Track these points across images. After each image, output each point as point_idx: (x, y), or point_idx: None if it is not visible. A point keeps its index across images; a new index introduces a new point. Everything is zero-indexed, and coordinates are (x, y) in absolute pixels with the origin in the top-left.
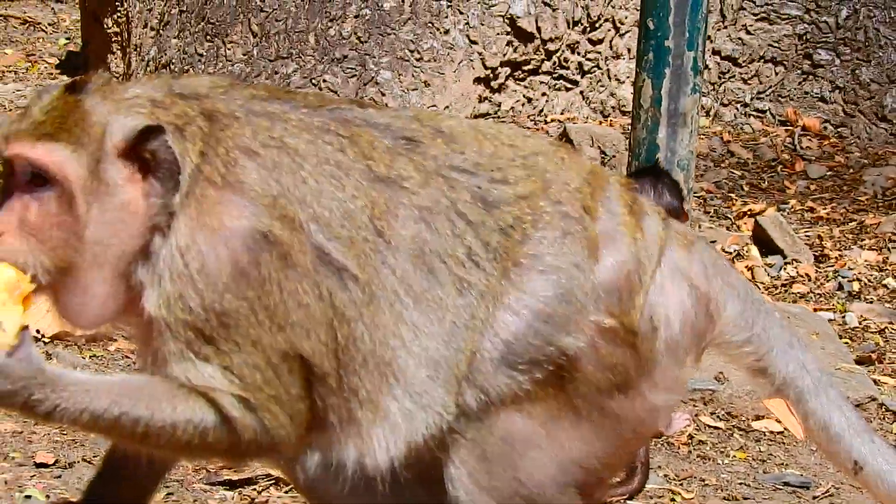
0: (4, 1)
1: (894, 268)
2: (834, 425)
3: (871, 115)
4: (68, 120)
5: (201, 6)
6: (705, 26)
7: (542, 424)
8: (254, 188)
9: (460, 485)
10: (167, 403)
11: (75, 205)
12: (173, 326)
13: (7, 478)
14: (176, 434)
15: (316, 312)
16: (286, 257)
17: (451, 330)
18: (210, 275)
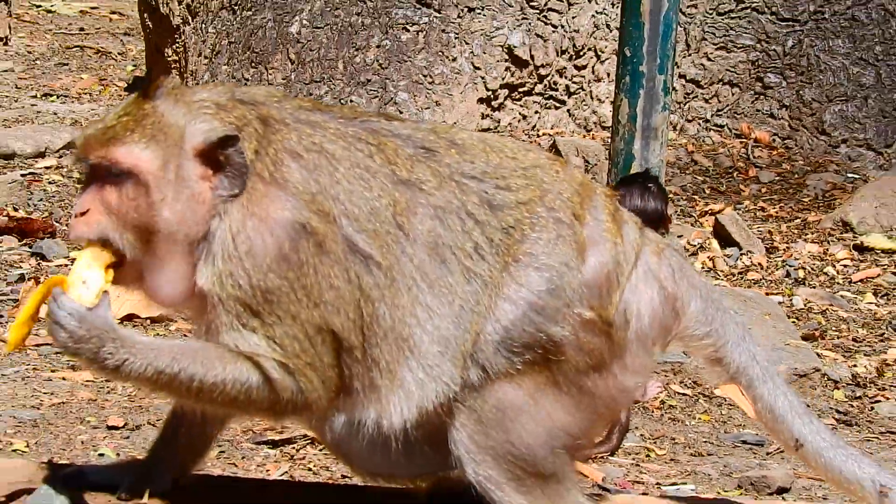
0: (81, 34)
1: (833, 258)
2: (779, 408)
3: (812, 130)
4: (143, 122)
5: (247, 38)
6: (673, 54)
7: (531, 396)
8: (296, 186)
9: (461, 445)
10: (219, 364)
11: (150, 193)
12: (224, 300)
13: (84, 439)
14: (225, 391)
15: (345, 293)
16: (321, 245)
17: (459, 313)
18: (256, 257)
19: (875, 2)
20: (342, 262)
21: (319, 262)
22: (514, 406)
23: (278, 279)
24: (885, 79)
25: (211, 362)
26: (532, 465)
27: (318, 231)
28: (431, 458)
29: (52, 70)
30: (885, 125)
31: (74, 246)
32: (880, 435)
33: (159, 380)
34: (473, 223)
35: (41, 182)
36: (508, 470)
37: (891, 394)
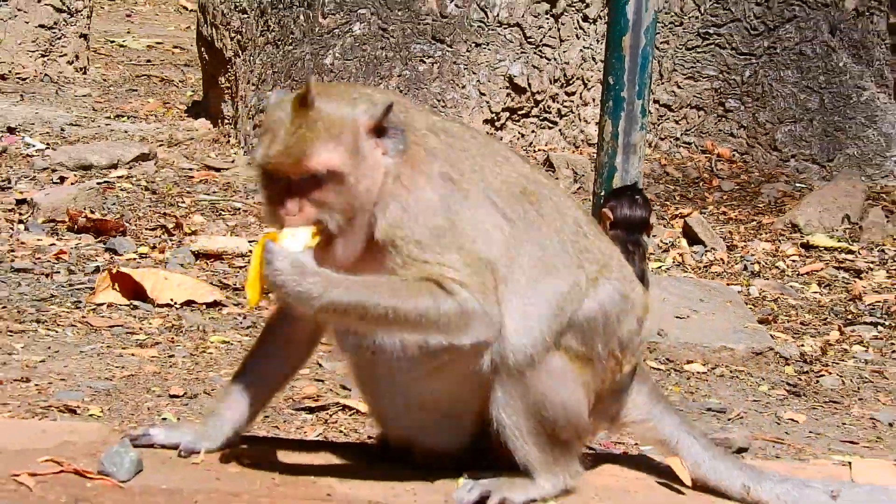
0: (148, 65)
1: (783, 254)
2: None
3: (766, 147)
4: (317, 127)
5: (288, 68)
6: (649, 82)
7: (572, 374)
8: (441, 153)
9: (504, 389)
10: (406, 291)
11: (346, 180)
12: (399, 243)
13: (149, 405)
14: (415, 313)
15: (494, 234)
16: (467, 196)
17: (571, 289)
18: (423, 202)
19: (819, 39)
20: (486, 209)
21: (468, 208)
22: (559, 376)
23: (441, 219)
24: (827, 104)
25: (401, 291)
26: (552, 428)
27: (462, 184)
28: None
29: (124, 95)
30: (828, 143)
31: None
32: (824, 404)
33: (357, 311)
34: (583, 233)
35: (114, 189)
36: (534, 425)
37: (833, 369)
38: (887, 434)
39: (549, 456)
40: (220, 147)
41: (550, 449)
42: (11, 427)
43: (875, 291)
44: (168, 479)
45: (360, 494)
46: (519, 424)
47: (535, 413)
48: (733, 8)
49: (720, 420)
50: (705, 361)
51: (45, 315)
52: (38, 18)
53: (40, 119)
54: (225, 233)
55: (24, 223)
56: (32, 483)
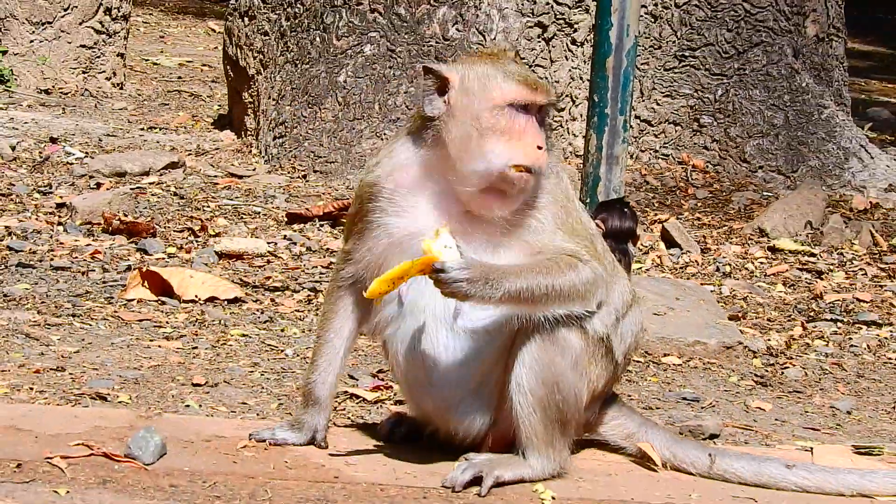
0: (179, 81)
1: (752, 257)
2: (685, 452)
3: (736, 159)
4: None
5: (305, 85)
6: (631, 100)
7: (592, 361)
8: None
9: (531, 356)
10: (556, 268)
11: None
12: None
13: (174, 393)
14: (567, 286)
15: (588, 225)
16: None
17: (625, 295)
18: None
19: (784, 62)
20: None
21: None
22: (582, 361)
23: (573, 213)
24: (791, 120)
25: (552, 268)
26: (562, 404)
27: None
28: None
29: (156, 109)
30: (792, 156)
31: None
32: (789, 394)
33: (525, 294)
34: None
35: (145, 194)
36: (546, 395)
37: (797, 361)
38: (846, 421)
39: (549, 435)
40: (242, 156)
41: (553, 428)
42: (47, 413)
43: (835, 291)
44: (190, 462)
45: (365, 477)
46: (535, 390)
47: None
48: (706, 33)
49: (694, 408)
50: (680, 354)
51: (80, 310)
52: (80, 39)
53: (80, 130)
54: (246, 235)
55: (63, 225)
56: (64, 465)
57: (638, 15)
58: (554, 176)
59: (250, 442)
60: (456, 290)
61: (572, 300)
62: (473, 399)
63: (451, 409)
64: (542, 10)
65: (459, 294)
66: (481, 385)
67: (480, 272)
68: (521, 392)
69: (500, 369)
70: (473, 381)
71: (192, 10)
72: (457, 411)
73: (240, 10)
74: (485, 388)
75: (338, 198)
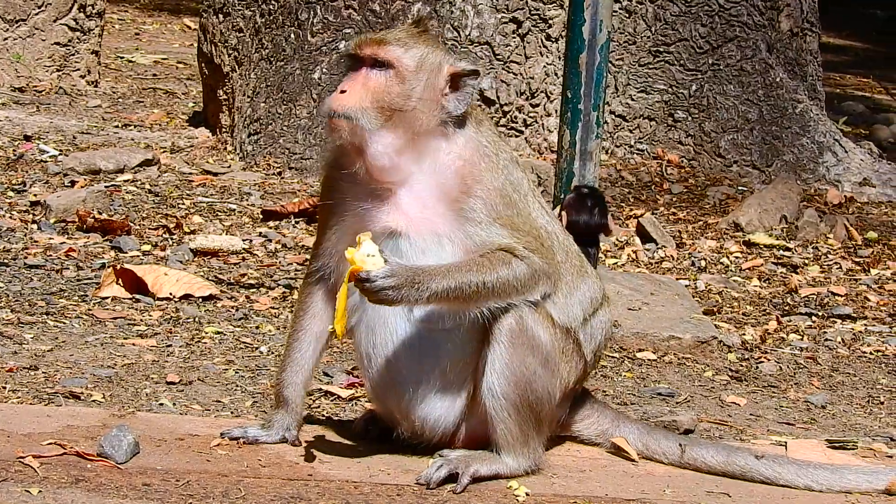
0: (154, 78)
1: (727, 251)
2: (657, 442)
3: (711, 153)
4: (409, 37)
5: (280, 82)
6: (604, 96)
7: (564, 360)
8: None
9: (503, 357)
10: (488, 263)
11: (403, 85)
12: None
13: (147, 392)
14: (501, 280)
15: (537, 219)
16: (529, 189)
17: (595, 296)
18: (498, 176)
19: (758, 57)
20: (538, 200)
21: (531, 198)
22: (553, 358)
23: (512, 194)
24: (765, 115)
25: (484, 265)
26: (536, 404)
27: (523, 178)
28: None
29: (131, 106)
30: (766, 150)
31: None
32: (763, 388)
33: (454, 293)
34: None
35: (120, 192)
36: (520, 396)
37: (771, 356)
38: (820, 416)
39: (524, 433)
40: (217, 154)
41: (527, 427)
42: (19, 412)
43: (810, 285)
44: (162, 460)
45: (339, 475)
46: (508, 394)
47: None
48: (681, 29)
49: (668, 403)
50: (655, 350)
51: (54, 308)
52: (54, 37)
53: (55, 128)
54: (221, 232)
55: (37, 223)
56: (37, 464)
57: (611, 11)
58: (489, 161)
59: (223, 440)
60: (383, 298)
61: (507, 294)
62: (438, 396)
63: (412, 405)
64: (517, 5)
65: (387, 300)
66: (447, 382)
67: (406, 277)
68: (493, 397)
69: (467, 368)
70: (436, 376)
71: (167, 7)
72: (419, 407)
73: (214, 7)
74: (451, 385)
75: (313, 194)
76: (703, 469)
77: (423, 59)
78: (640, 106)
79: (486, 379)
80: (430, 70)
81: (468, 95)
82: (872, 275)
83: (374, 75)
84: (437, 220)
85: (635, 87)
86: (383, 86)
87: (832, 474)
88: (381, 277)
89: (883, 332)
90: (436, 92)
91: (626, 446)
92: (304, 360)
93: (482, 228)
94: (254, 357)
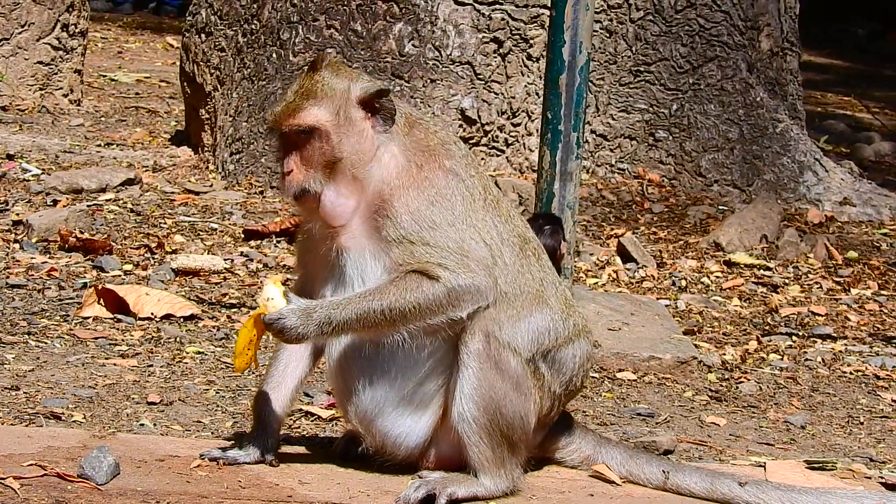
0: (137, 97)
1: (708, 271)
2: (640, 467)
3: (692, 173)
4: (314, 88)
5: (262, 101)
6: (584, 116)
7: (530, 391)
8: (450, 151)
9: (470, 382)
10: (394, 289)
11: (330, 138)
12: (398, 220)
13: (128, 412)
14: (409, 304)
15: (489, 230)
16: (472, 200)
17: (556, 326)
18: (427, 190)
19: (738, 76)
20: (486, 214)
21: (470, 210)
22: (524, 382)
23: (441, 211)
24: (746, 134)
25: (391, 292)
26: (508, 428)
27: (464, 179)
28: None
29: (114, 125)
30: (747, 170)
31: (287, 201)
32: (743, 409)
33: (363, 322)
34: (564, 286)
35: (102, 211)
36: (490, 421)
37: (751, 376)
38: (800, 436)
39: (498, 456)
40: (199, 173)
41: (501, 450)
42: (0, 433)
43: (790, 304)
44: (143, 482)
45: (319, 496)
46: (478, 419)
47: (494, 410)
48: (661, 48)
49: (648, 424)
50: (635, 370)
51: (35, 327)
52: (37, 56)
53: (37, 147)
54: (202, 251)
55: (19, 242)
56: (17, 485)
57: (591, 32)
58: (408, 177)
59: (203, 461)
60: (290, 337)
61: (423, 316)
62: (399, 412)
63: (370, 422)
64: (498, 25)
65: (294, 338)
66: (408, 400)
67: (304, 315)
68: (464, 422)
69: (432, 387)
70: (397, 392)
71: (149, 26)
72: (377, 423)
73: (196, 27)
74: (413, 403)
75: (295, 214)
76: (686, 494)
77: (335, 104)
78: (620, 125)
79: (455, 403)
80: (344, 110)
81: (388, 112)
82: (853, 294)
83: (304, 143)
84: (364, 240)
85: (616, 107)
86: (316, 149)
87: (816, 499)
88: (276, 319)
89: (863, 352)
90: (358, 124)
91: (608, 472)
92: (283, 380)
93: (396, 246)
94: (235, 377)
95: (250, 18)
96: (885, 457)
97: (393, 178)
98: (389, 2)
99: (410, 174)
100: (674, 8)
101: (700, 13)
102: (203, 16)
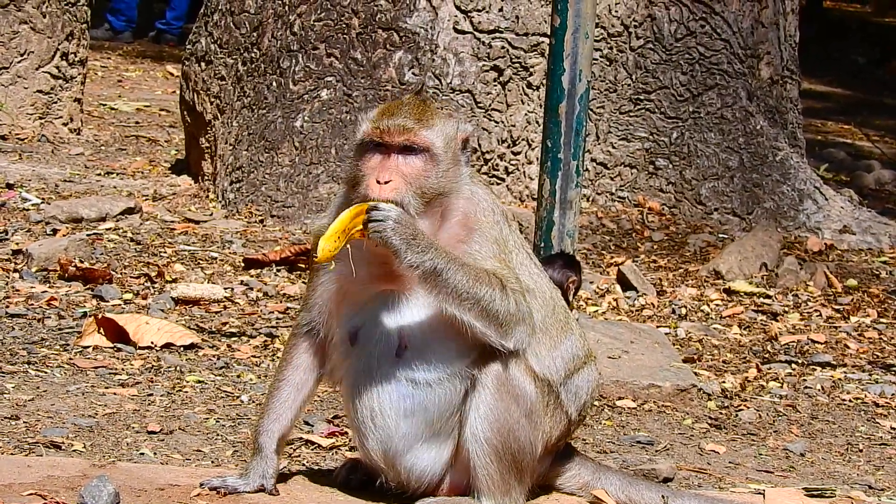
0: (137, 126)
1: (707, 299)
2: (639, 493)
3: (692, 201)
4: (431, 115)
5: (262, 130)
6: (584, 145)
7: (546, 413)
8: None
9: (487, 404)
10: (487, 279)
11: (437, 166)
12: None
13: (128, 441)
14: (488, 297)
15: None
16: (517, 242)
17: (578, 352)
18: (491, 223)
19: (738, 105)
20: (521, 247)
21: (519, 249)
22: (537, 410)
23: (503, 241)
24: (746, 163)
25: (481, 275)
26: (518, 452)
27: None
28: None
29: (114, 154)
30: (747, 198)
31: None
32: (743, 436)
33: (441, 277)
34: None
35: (102, 240)
36: (502, 443)
37: (751, 403)
38: (799, 463)
39: (505, 483)
40: (199, 201)
41: (509, 476)
42: (0, 462)
43: (790, 332)
44: None
45: None
46: (490, 439)
47: (507, 433)
48: (661, 77)
49: (648, 451)
50: (635, 398)
51: (35, 357)
52: (37, 85)
53: (37, 176)
54: (203, 280)
55: (18, 272)
56: None
57: (590, 60)
58: (486, 215)
59: (204, 490)
60: (382, 231)
61: (485, 317)
62: (425, 446)
63: (398, 457)
64: (498, 53)
65: (385, 237)
66: (434, 433)
67: (408, 226)
68: (476, 442)
69: (453, 418)
70: (423, 427)
71: (149, 55)
72: (405, 458)
73: (196, 55)
74: (438, 435)
75: (295, 242)
76: None
77: (447, 134)
78: (620, 153)
79: (469, 424)
80: (452, 142)
81: (468, 153)
82: (852, 322)
83: (410, 161)
84: None
85: (616, 135)
86: (421, 171)
87: None
88: (392, 211)
89: (863, 380)
90: (457, 159)
91: (607, 497)
92: (283, 409)
93: (478, 259)
94: (235, 406)
95: (250, 47)
96: (883, 484)
97: (476, 211)
98: (389, 30)
99: (487, 213)
100: (674, 36)
101: (700, 41)
102: (203, 44)
